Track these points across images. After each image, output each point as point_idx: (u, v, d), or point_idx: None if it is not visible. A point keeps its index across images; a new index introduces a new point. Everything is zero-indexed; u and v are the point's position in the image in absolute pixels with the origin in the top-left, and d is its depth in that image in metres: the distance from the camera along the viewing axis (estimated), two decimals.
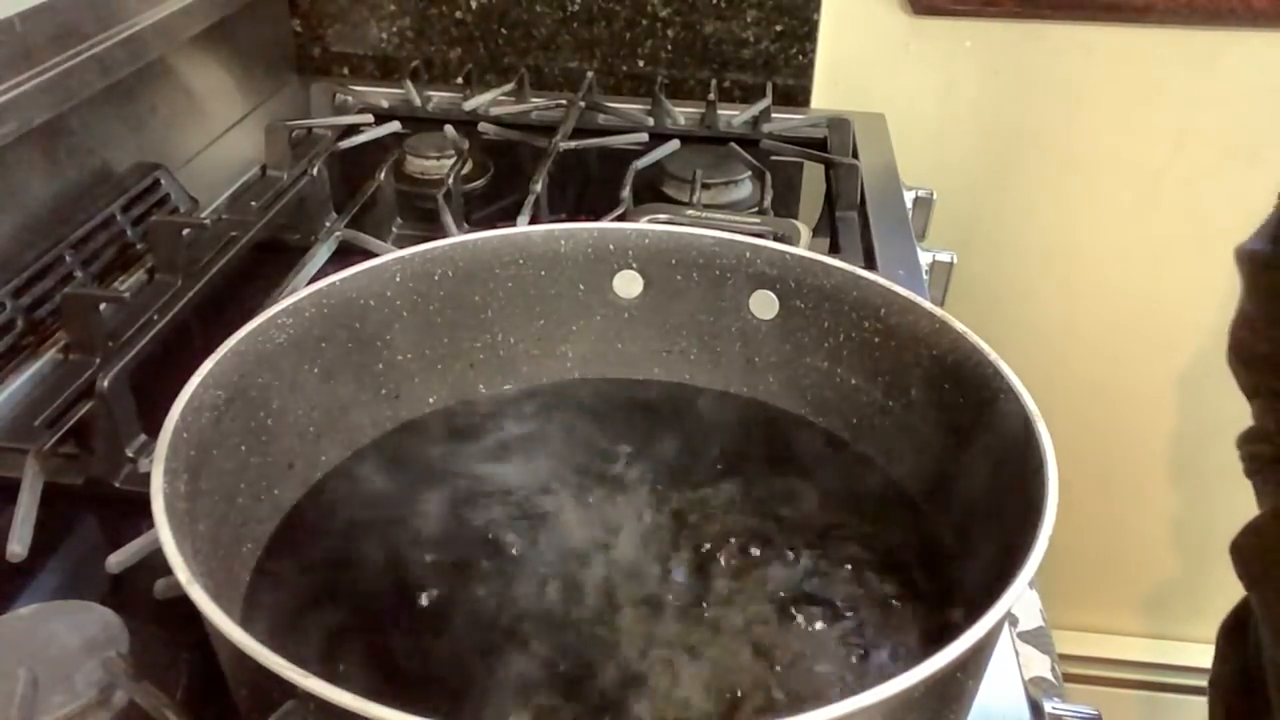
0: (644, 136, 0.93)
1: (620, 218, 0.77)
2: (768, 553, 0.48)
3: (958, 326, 0.48)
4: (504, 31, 1.06)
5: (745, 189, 0.87)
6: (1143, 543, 1.30)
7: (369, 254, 0.62)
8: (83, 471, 0.54)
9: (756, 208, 0.82)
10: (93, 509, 0.54)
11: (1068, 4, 1.01)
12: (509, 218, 0.78)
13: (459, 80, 1.03)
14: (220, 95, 0.95)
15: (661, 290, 0.57)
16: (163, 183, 0.80)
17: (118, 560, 0.47)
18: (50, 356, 0.64)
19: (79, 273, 0.69)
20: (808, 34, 1.04)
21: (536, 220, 0.77)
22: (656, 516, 0.50)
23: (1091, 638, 1.36)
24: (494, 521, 0.50)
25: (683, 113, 1.01)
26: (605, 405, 0.58)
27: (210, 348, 0.45)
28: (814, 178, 0.93)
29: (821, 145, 0.94)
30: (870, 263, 0.79)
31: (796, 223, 0.77)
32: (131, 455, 0.55)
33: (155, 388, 0.49)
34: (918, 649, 0.43)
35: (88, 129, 0.75)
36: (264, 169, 0.89)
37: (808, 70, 1.05)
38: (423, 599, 0.45)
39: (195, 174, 0.86)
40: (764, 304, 0.55)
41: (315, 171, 0.78)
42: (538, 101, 1.01)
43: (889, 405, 0.52)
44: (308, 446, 0.50)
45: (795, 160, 0.92)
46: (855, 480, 0.53)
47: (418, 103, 1.00)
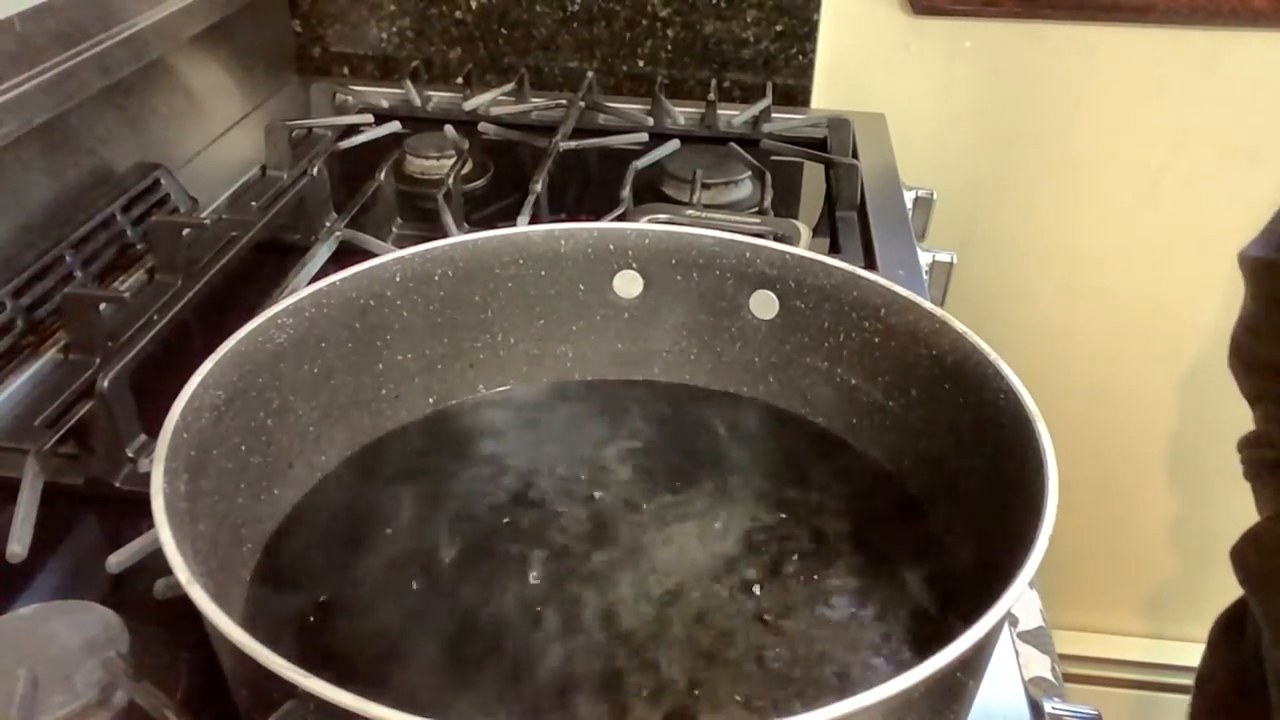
0: (644, 136, 0.93)
1: (620, 218, 0.77)
2: (767, 552, 0.48)
3: (958, 326, 0.48)
4: (504, 31, 1.06)
5: (745, 189, 0.87)
6: (1142, 543, 1.30)
7: (369, 254, 0.62)
8: (83, 471, 0.54)
9: (756, 208, 0.82)
10: (93, 509, 0.54)
11: (1068, 4, 1.01)
12: (509, 218, 0.78)
13: (459, 80, 1.03)
14: (220, 95, 0.95)
15: (661, 290, 0.57)
16: (163, 183, 0.80)
17: (118, 560, 0.47)
18: (50, 356, 0.64)
19: (79, 273, 0.69)
20: (808, 34, 1.04)
21: (536, 220, 0.77)
22: (655, 516, 0.50)
23: (1091, 638, 1.36)
24: (494, 521, 0.50)
25: (683, 113, 1.00)
26: (605, 405, 0.58)
27: (210, 348, 0.45)
28: (814, 178, 0.93)
29: (821, 145, 0.94)
30: (870, 263, 0.79)
31: (796, 223, 0.77)
32: (131, 455, 0.55)
33: (155, 388, 0.49)
34: (917, 649, 0.43)
35: (88, 129, 0.75)
36: (264, 169, 0.89)
37: (808, 70, 1.06)
38: (423, 599, 0.45)
39: (195, 174, 0.86)
40: (764, 304, 0.55)
41: (315, 171, 0.78)
42: (538, 101, 1.01)
43: (889, 405, 0.52)
44: (308, 446, 0.50)
45: (795, 160, 0.92)
46: (855, 480, 0.53)
47: (418, 103, 1.00)
